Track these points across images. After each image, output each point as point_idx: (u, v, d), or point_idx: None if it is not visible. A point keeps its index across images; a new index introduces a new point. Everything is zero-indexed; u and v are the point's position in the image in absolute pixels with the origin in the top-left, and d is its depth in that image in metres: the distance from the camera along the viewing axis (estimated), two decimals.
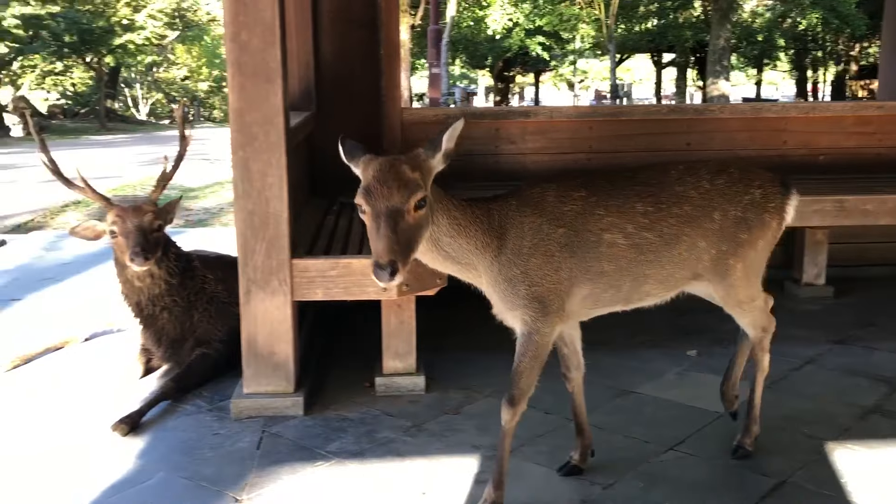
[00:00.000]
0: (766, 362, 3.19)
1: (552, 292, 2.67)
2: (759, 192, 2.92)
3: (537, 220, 2.66)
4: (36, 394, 3.97)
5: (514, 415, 2.74)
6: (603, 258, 2.71)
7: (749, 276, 2.97)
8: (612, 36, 33.14)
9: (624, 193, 2.77)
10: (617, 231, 2.72)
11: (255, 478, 3.09)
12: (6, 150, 22.21)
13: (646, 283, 2.82)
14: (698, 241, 2.83)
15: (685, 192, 2.82)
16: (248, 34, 3.41)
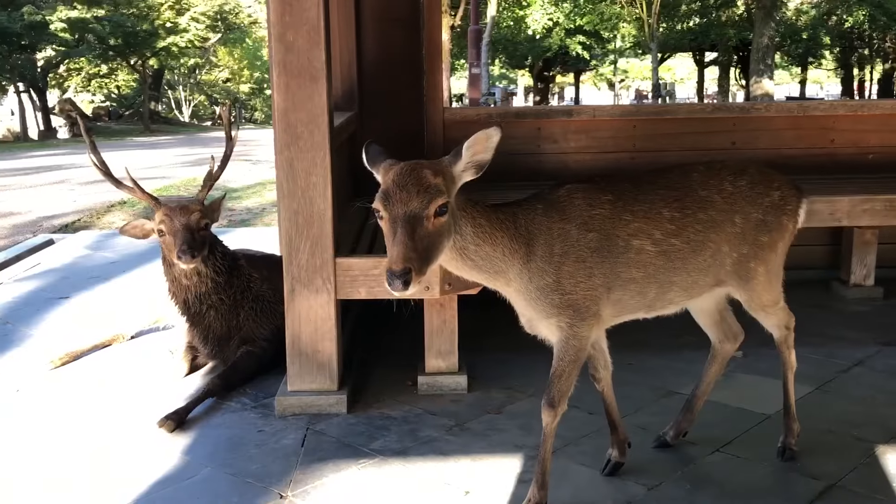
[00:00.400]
0: (793, 358, 3.16)
1: (587, 298, 2.63)
2: (778, 195, 2.89)
3: (566, 226, 2.60)
4: (83, 390, 4.03)
5: (554, 416, 2.72)
6: (632, 264, 2.67)
7: (771, 280, 2.95)
8: (654, 35, 32.86)
9: (649, 198, 2.72)
10: (645, 237, 2.67)
11: (300, 475, 3.11)
12: (53, 152, 22.64)
13: (671, 290, 2.78)
14: (722, 246, 2.80)
15: (709, 197, 2.79)
16: (294, 34, 3.44)
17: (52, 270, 6.57)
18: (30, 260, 6.97)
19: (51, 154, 21.75)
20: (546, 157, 5.59)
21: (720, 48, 37.93)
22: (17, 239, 8.70)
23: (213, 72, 50.52)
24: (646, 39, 34.23)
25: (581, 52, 36.70)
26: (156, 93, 42.85)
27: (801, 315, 3.23)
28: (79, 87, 41.86)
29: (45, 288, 5.99)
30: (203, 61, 46.18)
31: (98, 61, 38.04)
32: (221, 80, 51.48)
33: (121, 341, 4.68)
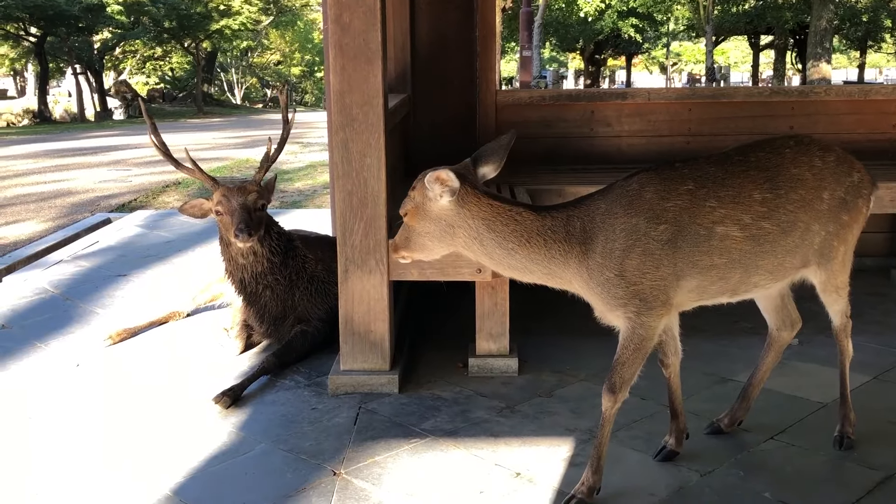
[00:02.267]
0: (850, 347, 3.11)
1: (654, 288, 2.59)
2: (858, 176, 2.85)
3: (632, 220, 2.57)
4: (140, 366, 4.12)
5: (614, 402, 2.71)
6: (714, 252, 2.61)
7: (846, 261, 2.91)
8: (709, 17, 32.30)
9: (738, 181, 2.64)
10: (732, 223, 2.60)
11: (353, 452, 3.15)
12: (109, 133, 23.07)
13: (756, 273, 2.72)
14: (812, 225, 2.74)
15: (800, 175, 2.72)
16: (350, 15, 3.45)
17: (110, 248, 6.72)
18: (88, 238, 7.12)
19: (107, 135, 22.17)
20: (598, 140, 5.55)
21: (776, 31, 37.15)
22: (75, 217, 8.89)
23: (265, 54, 50.93)
24: (700, 22, 33.68)
25: (633, 34, 36.29)
26: (209, 75, 43.35)
27: (859, 303, 3.19)
28: (134, 69, 42.51)
29: (103, 265, 6.13)
30: (255, 44, 46.57)
31: (153, 44, 38.63)
32: (273, 63, 51.89)
33: (177, 318, 4.77)
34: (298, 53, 50.83)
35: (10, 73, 46.96)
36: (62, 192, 10.94)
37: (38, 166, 14.11)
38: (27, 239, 7.88)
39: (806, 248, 2.76)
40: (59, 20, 31.99)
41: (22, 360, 4.22)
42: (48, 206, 9.84)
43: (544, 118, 5.56)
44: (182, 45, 38.88)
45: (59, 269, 5.98)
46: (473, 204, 2.61)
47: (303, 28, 48.74)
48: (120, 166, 13.68)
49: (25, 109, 35.10)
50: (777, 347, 3.19)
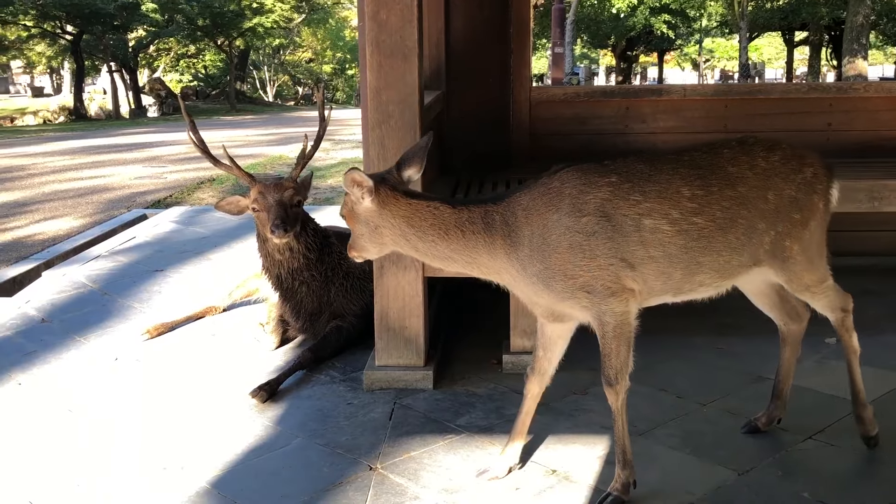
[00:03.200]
0: (855, 342, 3.05)
1: (599, 278, 2.60)
2: (810, 172, 2.82)
3: (554, 216, 2.60)
4: (178, 360, 4.17)
5: (616, 395, 2.73)
6: (648, 244, 2.60)
7: (809, 258, 2.86)
8: (744, 13, 31.96)
9: (666, 178, 2.64)
10: (659, 216, 2.60)
11: (388, 447, 3.16)
12: (144, 130, 23.31)
13: (700, 271, 2.70)
14: (757, 224, 2.71)
15: (739, 173, 2.70)
16: (387, 12, 3.46)
17: (146, 244, 6.79)
18: (125, 234, 7.21)
19: (141, 132, 22.40)
20: (633, 137, 5.51)
21: (811, 27, 36.65)
22: (112, 213, 9.00)
23: (297, 52, 51.18)
24: (734, 18, 33.34)
25: (666, 31, 36.01)
26: (241, 73, 43.65)
27: None
28: (167, 66, 42.93)
29: (140, 261, 6.20)
30: (287, 42, 46.82)
31: (186, 41, 38.98)
32: (304, 61, 52.13)
33: (213, 314, 4.82)
34: (330, 51, 51.01)
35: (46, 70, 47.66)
36: (98, 189, 11.07)
37: (74, 163, 14.29)
38: (65, 234, 7.99)
39: (753, 247, 2.74)
40: (95, 18, 32.38)
41: (62, 354, 4.29)
42: (85, 203, 9.96)
43: (578, 115, 5.54)
44: (215, 43, 39.17)
45: (97, 265, 6.06)
46: (393, 203, 2.68)
47: (334, 26, 48.91)
48: (155, 163, 13.81)
49: (61, 107, 35.62)
50: (791, 341, 3.18)
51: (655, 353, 4.01)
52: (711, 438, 3.17)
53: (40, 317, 4.89)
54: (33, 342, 4.47)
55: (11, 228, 8.54)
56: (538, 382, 2.96)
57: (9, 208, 9.72)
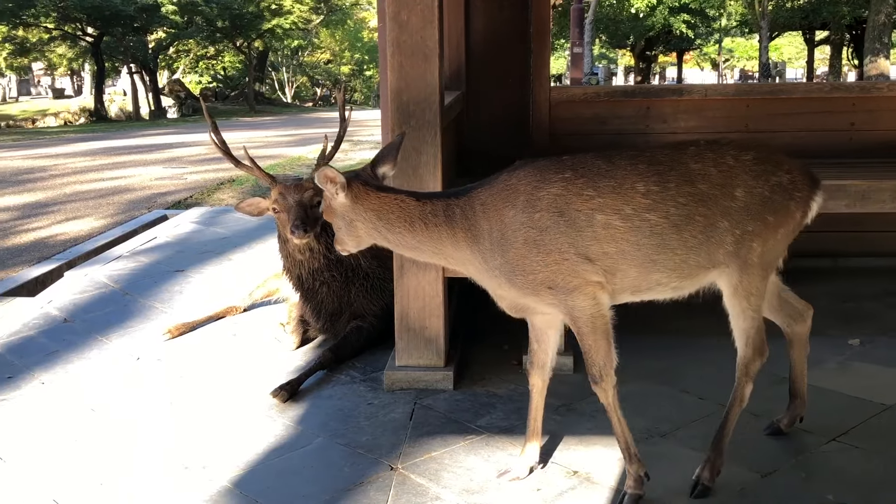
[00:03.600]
0: (746, 392, 2.87)
1: (558, 273, 2.59)
2: (788, 178, 2.72)
3: (510, 213, 2.61)
4: (199, 360, 4.19)
5: (605, 391, 2.72)
6: (601, 239, 2.58)
7: (764, 266, 2.75)
8: (764, 12, 31.76)
9: (622, 173, 2.61)
10: (612, 212, 2.57)
11: (409, 447, 3.16)
12: (163, 131, 23.46)
13: (655, 269, 2.65)
14: (719, 222, 2.63)
15: (703, 169, 2.63)
16: (408, 13, 3.47)
17: (167, 244, 6.83)
18: (146, 234, 7.25)
19: (161, 133, 22.54)
20: (654, 137, 5.49)
21: (832, 26, 36.38)
22: (133, 214, 9.07)
23: (315, 53, 51.35)
24: (755, 17, 33.13)
25: (685, 30, 35.85)
26: (260, 74, 43.87)
27: None
28: (187, 68, 43.18)
29: (160, 261, 6.24)
30: (305, 43, 46.98)
31: (205, 43, 39.20)
32: (323, 62, 52.30)
33: (234, 314, 4.84)
34: (348, 52, 51.14)
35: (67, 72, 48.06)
36: (119, 189, 11.15)
37: (95, 164, 14.40)
38: (86, 235, 8.05)
39: (713, 247, 2.65)
40: (116, 20, 32.65)
41: (84, 354, 4.32)
42: (106, 203, 10.04)
43: (598, 115, 5.52)
44: (234, 45, 39.38)
45: (119, 265, 6.10)
46: (364, 198, 2.74)
47: (352, 27, 49.04)
48: (175, 164, 13.90)
49: (82, 108, 35.94)
50: (798, 341, 3.12)
51: (677, 355, 3.99)
52: (733, 440, 3.13)
53: (63, 316, 4.93)
54: (56, 342, 4.50)
55: (34, 229, 8.62)
56: (539, 376, 2.96)
57: (31, 209, 9.81)
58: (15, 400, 3.76)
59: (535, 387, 2.97)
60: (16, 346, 4.46)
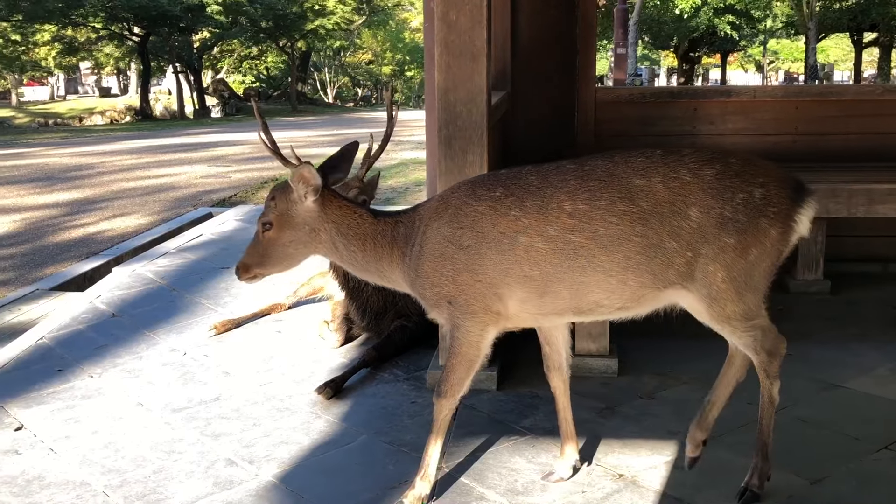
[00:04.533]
0: (776, 392, 2.70)
1: (462, 293, 2.58)
2: (760, 192, 2.47)
3: (435, 224, 2.60)
4: (244, 356, 4.23)
5: (442, 408, 2.73)
6: (522, 262, 2.51)
7: (738, 289, 2.51)
8: (812, 13, 31.27)
9: (551, 191, 2.50)
10: (535, 234, 2.48)
11: (453, 447, 3.16)
12: (208, 130, 23.74)
13: (591, 291, 2.52)
14: (665, 242, 2.45)
15: (647, 186, 2.46)
16: (457, 13, 3.47)
17: (212, 242, 6.91)
18: (191, 231, 7.34)
19: (205, 132, 22.82)
20: (701, 139, 5.43)
21: (881, 28, 35.75)
22: (178, 211, 9.20)
23: (357, 54, 51.62)
24: (802, 19, 32.65)
25: (729, 31, 35.42)
26: (302, 74, 44.19)
27: None
28: (231, 68, 43.66)
29: (206, 258, 6.31)
30: (348, 44, 47.26)
31: (249, 43, 39.61)
32: (364, 63, 52.56)
33: (279, 311, 4.88)
34: (389, 53, 51.33)
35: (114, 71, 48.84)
36: (165, 187, 11.31)
37: (141, 162, 14.62)
38: (133, 231, 8.18)
39: (659, 268, 2.48)
40: (162, 20, 33.13)
41: (132, 349, 4.39)
42: (152, 201, 10.19)
43: (644, 116, 5.48)
44: (277, 45, 39.75)
45: (165, 261, 6.18)
46: (331, 205, 2.72)
47: (394, 27, 49.22)
48: (219, 162, 14.05)
49: (128, 106, 36.50)
50: (738, 362, 2.82)
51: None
52: (782, 446, 3.10)
53: (111, 311, 5.01)
54: (104, 336, 4.58)
55: (82, 225, 8.78)
56: (558, 377, 2.92)
57: (79, 205, 9.99)
58: (65, 393, 3.83)
59: (558, 388, 2.94)
60: (65, 339, 4.54)
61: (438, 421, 2.75)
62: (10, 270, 7.11)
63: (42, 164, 14.46)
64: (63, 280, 6.16)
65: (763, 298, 2.61)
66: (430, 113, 3.93)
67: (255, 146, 4.24)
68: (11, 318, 5.27)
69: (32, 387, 3.89)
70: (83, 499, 2.90)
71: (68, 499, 2.90)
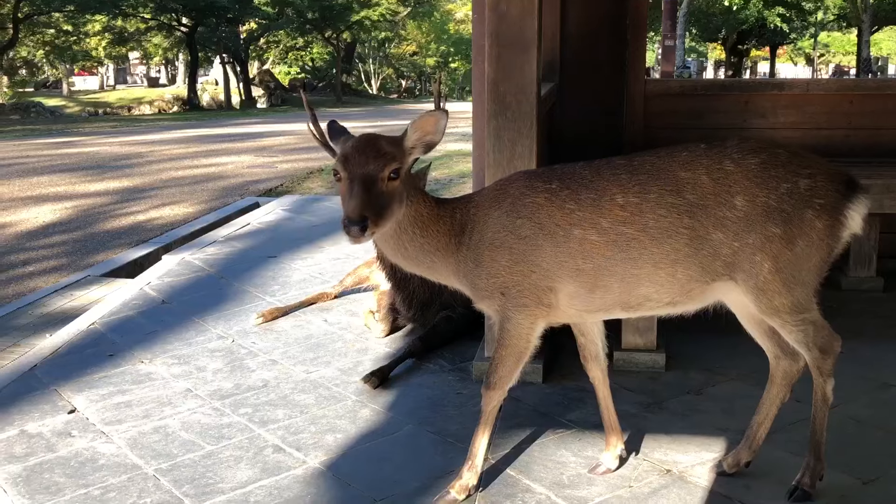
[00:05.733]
0: (829, 391, 2.64)
1: (517, 284, 2.57)
2: (806, 183, 2.46)
3: (494, 213, 2.58)
4: (290, 345, 4.27)
5: (491, 399, 2.72)
6: (576, 255, 2.51)
7: (786, 281, 2.48)
8: (866, 5, 30.60)
9: (604, 184, 2.52)
10: (589, 227, 2.49)
11: (499, 439, 3.16)
12: (254, 120, 23.96)
13: (640, 284, 2.53)
14: (711, 234, 2.46)
15: (693, 178, 2.47)
16: (507, 4, 3.45)
17: (260, 231, 6.98)
18: (239, 220, 7.42)
19: (251, 122, 23.03)
20: (752, 132, 5.35)
21: None
22: (226, 201, 9.30)
23: (401, 45, 51.68)
24: (854, 11, 31.98)
25: (779, 24, 34.82)
26: (347, 65, 44.41)
27: None
28: (276, 59, 43.98)
29: (254, 247, 6.37)
30: (392, 35, 47.34)
31: (295, 34, 39.88)
32: (408, 54, 52.61)
33: (325, 300, 4.92)
34: (434, 44, 51.32)
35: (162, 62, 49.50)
36: (213, 177, 11.44)
37: (189, 151, 14.80)
38: (182, 220, 8.30)
39: (706, 260, 2.48)
40: (210, 11, 33.49)
41: (181, 335, 4.45)
42: (200, 189, 10.31)
43: (694, 108, 5.41)
44: (323, 36, 39.96)
45: (213, 249, 6.25)
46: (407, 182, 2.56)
47: (439, 19, 49.18)
48: (265, 153, 14.17)
49: (176, 96, 37.02)
50: (780, 380, 2.78)
51: None
52: (833, 445, 3.04)
53: (161, 298, 5.08)
54: (154, 322, 4.65)
55: (133, 213, 8.92)
56: (596, 366, 2.92)
57: (129, 194, 10.15)
58: (116, 377, 3.90)
59: (597, 378, 2.93)
60: (116, 325, 4.63)
61: (486, 412, 2.75)
62: (63, 257, 7.24)
63: (93, 153, 14.72)
64: (114, 267, 6.27)
65: (814, 294, 2.58)
66: (477, 104, 3.92)
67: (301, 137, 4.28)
68: (64, 303, 5.38)
69: (85, 371, 3.97)
70: (134, 481, 2.95)
71: (119, 481, 2.96)
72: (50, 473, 3.02)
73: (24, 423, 3.43)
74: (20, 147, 16.19)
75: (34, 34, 35.56)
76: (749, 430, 2.86)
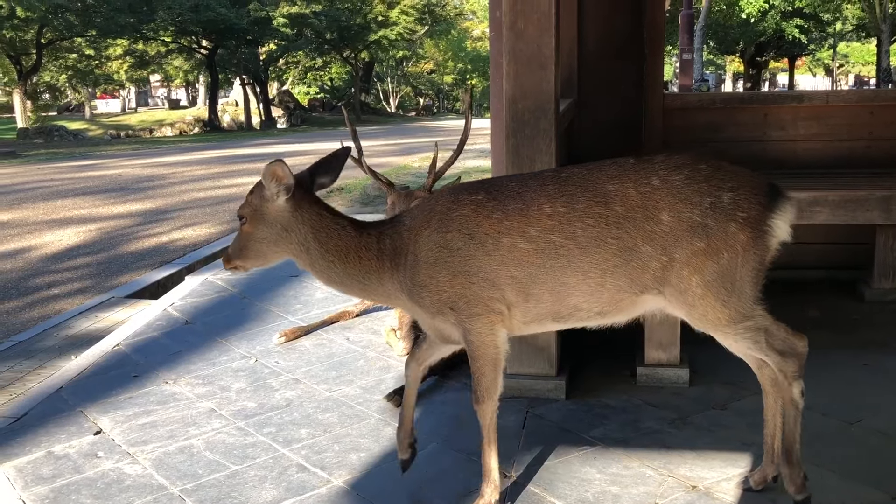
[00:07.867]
0: (797, 394, 2.60)
1: (463, 297, 2.59)
2: (729, 196, 2.48)
3: (425, 232, 2.62)
4: (312, 364, 4.28)
5: (484, 413, 2.73)
6: (508, 263, 2.55)
7: (718, 294, 2.49)
8: (885, 15, 30.47)
9: (531, 195, 2.56)
10: (517, 235, 2.54)
11: (523, 456, 3.16)
12: (274, 140, 24.14)
13: (570, 294, 2.57)
14: (640, 246, 2.50)
15: (620, 191, 2.51)
16: (525, 22, 3.47)
17: None
18: None
19: (271, 143, 23.21)
20: (771, 144, 5.34)
21: None
22: None
23: (419, 64, 51.98)
24: (874, 21, 31.83)
25: (798, 35, 34.72)
26: (366, 84, 44.69)
27: None
28: (296, 79, 44.36)
29: (276, 266, 6.35)
30: (410, 53, 47.62)
31: (314, 55, 40.25)
32: (426, 72, 52.89)
33: (347, 319, 4.94)
34: (451, 62, 51.57)
35: (183, 84, 50.03)
36: (234, 197, 11.52)
37: (211, 172, 14.93)
38: (204, 240, 8.36)
39: (636, 272, 2.52)
40: (230, 33, 33.87)
41: (204, 355, 4.48)
42: (222, 210, 10.39)
43: (713, 122, 5.41)
44: (341, 56, 40.30)
45: None
46: (307, 209, 2.68)
47: (456, 37, 49.44)
48: None
49: (196, 118, 37.39)
50: (770, 388, 2.76)
51: None
52: (860, 460, 3.03)
53: (184, 318, 5.12)
54: (178, 343, 4.68)
55: (155, 234, 9.00)
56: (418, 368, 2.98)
57: (152, 215, 10.24)
58: (141, 398, 3.92)
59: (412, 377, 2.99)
60: (140, 346, 4.66)
61: (486, 426, 2.76)
62: (87, 279, 7.31)
63: (115, 175, 14.88)
64: (137, 288, 6.33)
65: (754, 301, 2.55)
66: (496, 121, 3.94)
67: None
68: (89, 324, 5.43)
69: (110, 392, 4.00)
70: (160, 502, 2.97)
71: (145, 502, 2.97)
72: (77, 495, 3.04)
73: (50, 445, 3.46)
74: (44, 171, 16.40)
75: (57, 59, 36.12)
76: (765, 444, 2.84)
